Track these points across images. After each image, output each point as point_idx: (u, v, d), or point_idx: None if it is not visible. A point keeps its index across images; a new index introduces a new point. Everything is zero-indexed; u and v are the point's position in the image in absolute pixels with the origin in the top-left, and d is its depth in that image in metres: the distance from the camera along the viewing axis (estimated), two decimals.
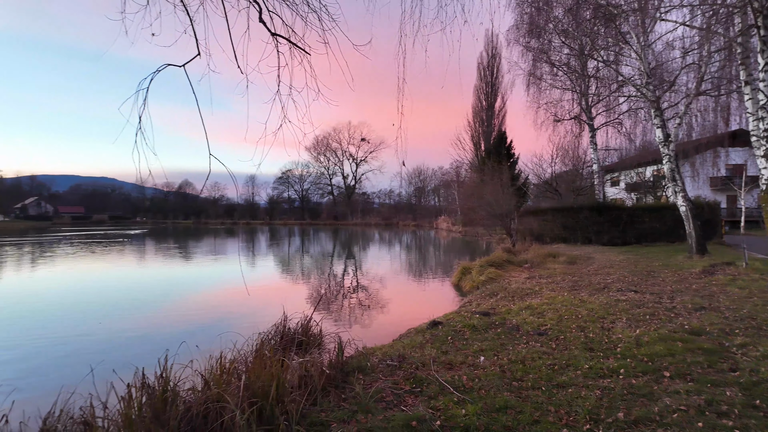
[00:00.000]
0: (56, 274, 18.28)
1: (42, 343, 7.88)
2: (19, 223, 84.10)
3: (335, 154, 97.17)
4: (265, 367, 4.02)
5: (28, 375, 5.78)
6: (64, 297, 12.88)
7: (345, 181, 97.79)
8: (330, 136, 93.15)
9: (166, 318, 10.05)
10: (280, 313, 6.78)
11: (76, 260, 23.46)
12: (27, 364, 6.55)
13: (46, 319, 9.92)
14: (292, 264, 22.44)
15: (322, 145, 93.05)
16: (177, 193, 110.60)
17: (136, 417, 3.35)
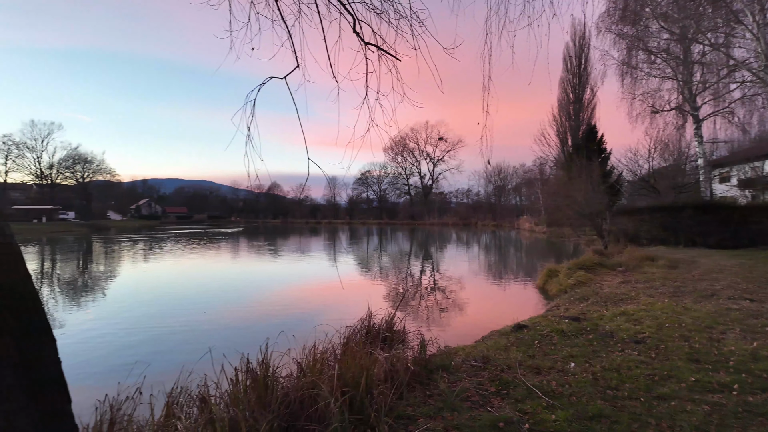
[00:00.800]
0: (165, 267, 20.48)
1: (160, 330, 8.91)
2: (134, 221, 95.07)
3: (412, 154, 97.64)
4: (355, 359, 4.23)
5: (154, 356, 6.60)
6: (172, 288, 14.42)
7: (422, 180, 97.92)
8: (407, 137, 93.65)
9: (263, 310, 10.86)
10: (364, 309, 7.04)
11: (181, 256, 26.06)
12: (152, 347, 7.47)
13: (160, 307, 11.17)
14: (371, 262, 22.98)
15: (399, 145, 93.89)
16: (266, 195, 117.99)
17: (242, 397, 3.70)
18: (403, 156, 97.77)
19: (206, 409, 3.46)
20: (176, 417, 3.37)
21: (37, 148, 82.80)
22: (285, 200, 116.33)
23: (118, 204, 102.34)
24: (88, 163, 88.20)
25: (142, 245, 34.52)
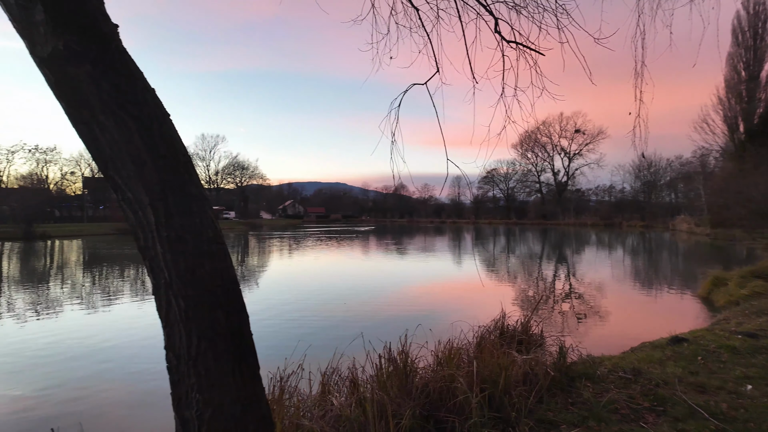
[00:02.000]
0: (308, 261, 22.63)
1: (310, 317, 9.94)
2: (282, 220, 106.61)
3: (544, 149, 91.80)
4: (493, 358, 4.23)
5: (310, 338, 7.44)
6: (313, 279, 15.90)
7: (555, 177, 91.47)
8: (539, 131, 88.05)
9: (398, 304, 11.41)
10: (494, 310, 6.95)
11: (322, 251, 28.50)
12: (307, 331, 8.41)
13: (306, 296, 12.43)
14: (499, 264, 22.33)
15: (529, 140, 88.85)
16: (393, 195, 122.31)
17: (385, 382, 3.99)
18: (533, 151, 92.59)
19: (356, 390, 3.81)
20: (331, 393, 3.78)
21: (206, 157, 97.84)
22: (411, 200, 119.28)
23: (268, 205, 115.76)
24: (245, 169, 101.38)
25: (288, 241, 38.57)
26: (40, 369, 6.73)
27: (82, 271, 20.25)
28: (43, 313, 10.98)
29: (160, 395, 5.57)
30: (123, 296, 13.23)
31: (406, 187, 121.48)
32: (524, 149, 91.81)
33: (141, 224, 2.07)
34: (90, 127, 1.99)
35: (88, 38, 1.91)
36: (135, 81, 2.06)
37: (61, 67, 1.91)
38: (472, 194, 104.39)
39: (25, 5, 1.89)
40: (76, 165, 78.71)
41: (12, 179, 67.05)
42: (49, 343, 8.17)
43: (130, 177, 2.00)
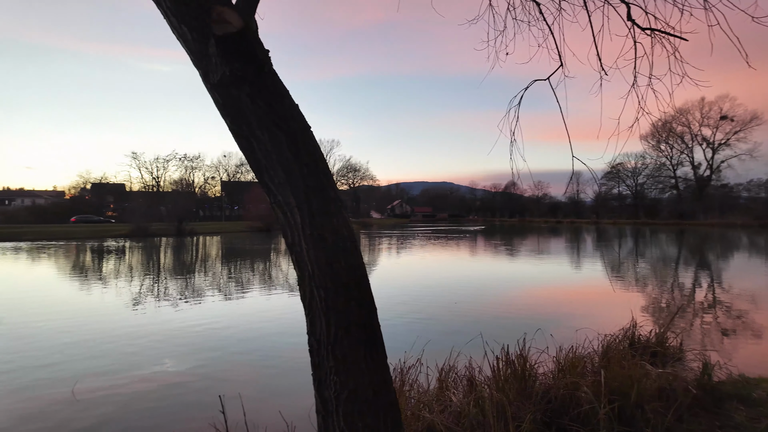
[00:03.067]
0: (416, 259, 23.00)
1: (419, 314, 10.15)
2: (390, 219, 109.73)
3: (681, 140, 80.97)
4: (623, 369, 3.93)
5: (422, 335, 7.67)
6: (423, 278, 16.12)
7: (695, 171, 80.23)
8: (674, 119, 77.62)
9: (512, 306, 11.09)
10: (621, 318, 6.40)
11: (429, 250, 28.73)
12: (418, 327, 8.65)
13: (420, 295, 12.67)
14: (626, 268, 20.30)
15: (663, 130, 78.87)
16: (503, 194, 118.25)
17: (503, 385, 3.94)
18: (667, 143, 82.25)
19: (473, 389, 3.84)
20: (449, 390, 3.86)
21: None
22: (522, 198, 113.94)
23: (377, 205, 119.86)
24: (356, 171, 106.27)
25: (397, 240, 39.56)
26: (190, 350, 7.88)
27: (221, 264, 23.17)
28: (192, 301, 12.78)
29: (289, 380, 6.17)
30: (253, 288, 14.81)
31: (517, 185, 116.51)
32: (656, 141, 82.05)
33: (289, 224, 2.36)
34: (249, 140, 2.33)
35: (248, 64, 2.23)
36: (284, 99, 2.36)
37: (227, 90, 2.26)
38: (593, 191, 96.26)
39: (201, 40, 2.27)
40: (216, 171, 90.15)
41: (167, 184, 78.84)
42: (194, 327, 9.51)
43: (281, 183, 2.30)
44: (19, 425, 4.82)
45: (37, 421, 4.93)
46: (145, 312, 10.92)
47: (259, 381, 6.08)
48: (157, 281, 16.63)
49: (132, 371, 6.51)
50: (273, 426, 3.39)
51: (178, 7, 2.27)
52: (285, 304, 11.78)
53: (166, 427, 4.55)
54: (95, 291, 14.37)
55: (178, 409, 5.16)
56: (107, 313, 10.71)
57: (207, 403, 5.06)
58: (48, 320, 9.89)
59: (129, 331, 8.94)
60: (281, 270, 20.08)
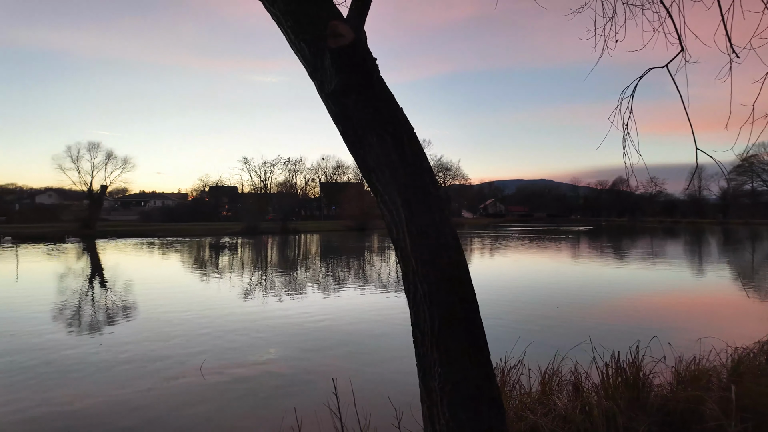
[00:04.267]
0: (511, 260, 22.23)
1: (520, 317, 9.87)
2: (482, 219, 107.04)
3: None
4: (759, 386, 3.48)
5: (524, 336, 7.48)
6: (521, 279, 15.55)
7: None
8: None
9: (622, 311, 10.31)
10: (756, 330, 5.61)
11: (525, 251, 27.57)
12: (518, 328, 8.44)
13: (518, 296, 12.29)
14: (761, 275, 17.62)
15: None
16: (609, 191, 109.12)
17: (612, 392, 3.72)
18: None
19: (579, 395, 3.68)
20: (553, 393, 3.74)
21: None
22: (632, 196, 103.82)
23: (469, 204, 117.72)
24: (447, 170, 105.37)
25: (490, 240, 38.54)
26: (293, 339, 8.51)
27: (319, 260, 24.58)
28: (294, 294, 13.75)
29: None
30: (348, 283, 15.49)
31: (627, 182, 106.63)
32: None
33: (394, 221, 2.49)
34: (358, 144, 2.50)
35: (358, 73, 2.40)
36: (390, 103, 2.50)
37: (339, 99, 2.46)
38: (720, 187, 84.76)
39: (317, 54, 2.50)
40: (315, 173, 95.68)
41: (273, 186, 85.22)
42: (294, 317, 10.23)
43: (387, 183, 2.44)
44: (158, 399, 5.64)
45: (173, 395, 5.72)
46: (256, 302, 12.01)
47: (367, 368, 6.40)
48: (267, 275, 18.16)
49: (248, 356, 7.23)
50: (381, 411, 3.58)
51: (298, 25, 2.52)
52: (381, 298, 12.17)
53: (285, 405, 5.00)
54: (213, 282, 16.12)
55: (293, 390, 5.65)
56: (224, 303, 11.96)
57: (319, 387, 5.49)
58: (173, 308, 11.33)
59: (242, 318, 9.92)
60: (375, 266, 20.74)
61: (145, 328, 9.18)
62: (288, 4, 2.49)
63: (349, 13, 2.43)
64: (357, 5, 2.40)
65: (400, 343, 7.43)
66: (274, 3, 2.55)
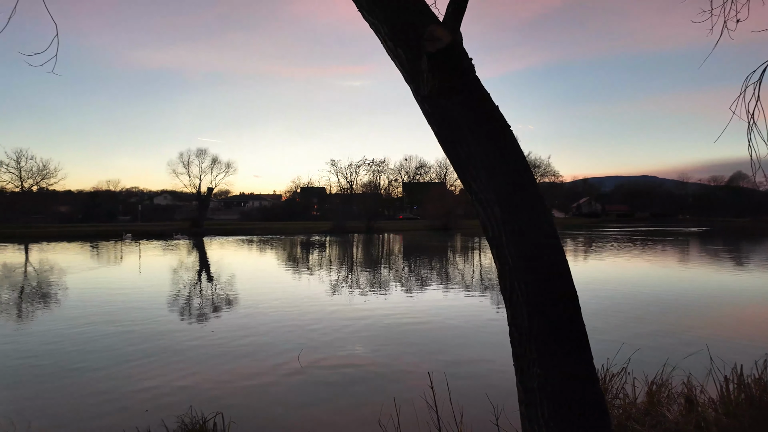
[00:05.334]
0: (608, 263, 20.65)
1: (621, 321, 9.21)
2: (575, 219, 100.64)
3: None
4: None
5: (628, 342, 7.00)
6: (620, 283, 14.40)
7: None
8: None
9: (749, 323, 9.19)
10: None
11: (627, 254, 25.46)
12: (620, 334, 7.90)
13: (619, 301, 11.45)
14: None
15: None
16: (726, 188, 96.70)
17: (734, 409, 3.35)
18: None
19: (693, 409, 3.37)
20: (661, 405, 3.47)
21: None
22: (755, 194, 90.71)
23: (561, 203, 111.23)
24: (536, 167, 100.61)
25: (584, 242, 36.12)
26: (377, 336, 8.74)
27: (403, 259, 24.88)
28: (381, 291, 14.07)
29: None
30: (433, 282, 15.49)
31: (747, 178, 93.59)
32: None
33: (490, 219, 2.50)
34: (453, 143, 2.55)
35: (455, 75, 2.45)
36: (485, 102, 2.52)
37: (436, 101, 2.52)
38: None
39: (413, 59, 2.59)
40: (398, 173, 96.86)
41: (358, 186, 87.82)
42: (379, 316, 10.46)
43: (483, 181, 2.46)
44: (262, 383, 6.14)
45: (275, 382, 6.20)
46: (345, 298, 12.52)
47: (460, 365, 6.43)
48: (354, 272, 18.82)
49: (341, 348, 7.60)
50: (477, 407, 3.59)
51: (395, 33, 2.63)
52: (468, 297, 12.03)
53: (379, 396, 5.20)
54: (305, 277, 17.06)
55: (386, 383, 5.86)
56: (316, 297, 12.63)
57: (411, 381, 5.63)
58: (270, 300, 12.19)
59: (333, 313, 10.40)
60: (459, 266, 20.51)
61: (247, 317, 10.03)
62: (386, 12, 2.61)
63: (446, 16, 2.48)
64: (453, 8, 2.45)
65: (492, 342, 7.32)
66: (373, 12, 2.68)
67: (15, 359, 6.99)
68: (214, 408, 3.99)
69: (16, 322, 9.99)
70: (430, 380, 2.89)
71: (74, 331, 8.73)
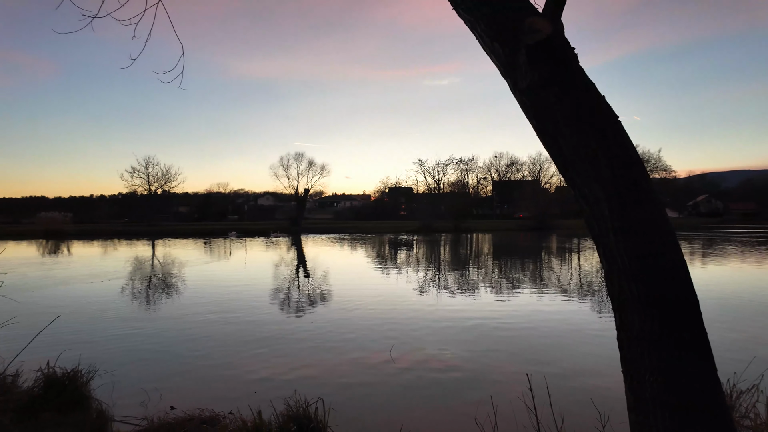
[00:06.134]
0: (735, 269, 18.17)
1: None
2: (691, 219, 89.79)
3: None
4: None
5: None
6: (745, 291, 12.63)
7: None
8: None
9: None
10: None
11: (757, 260, 22.23)
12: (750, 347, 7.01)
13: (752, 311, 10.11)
14: None
15: None
16: None
17: None
18: None
19: None
20: None
21: None
22: None
23: (673, 201, 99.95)
24: (645, 162, 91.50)
25: (703, 245, 32.17)
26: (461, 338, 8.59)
27: (492, 260, 24.20)
28: (471, 292, 13.84)
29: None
30: (526, 285, 14.85)
31: None
32: None
33: (595, 216, 2.37)
34: (554, 138, 2.46)
35: (556, 66, 2.36)
36: (590, 93, 2.39)
37: (535, 94, 2.45)
38: None
39: (511, 53, 2.54)
40: (488, 172, 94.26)
41: (445, 186, 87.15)
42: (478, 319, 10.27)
43: (588, 176, 2.34)
44: (358, 374, 6.39)
45: (369, 374, 6.43)
46: (434, 297, 12.54)
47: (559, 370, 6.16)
48: (443, 272, 18.76)
49: (432, 347, 7.64)
50: (580, 413, 3.43)
51: (491, 28, 2.60)
52: (564, 301, 11.39)
53: (474, 396, 5.18)
54: (395, 275, 17.36)
55: (481, 384, 5.80)
56: (405, 295, 12.81)
57: (507, 383, 5.51)
58: (362, 296, 12.59)
59: (423, 311, 10.48)
60: (555, 268, 19.42)
61: (341, 311, 10.51)
62: (483, 9, 2.59)
63: (546, 7, 2.40)
64: None
65: (594, 348, 6.88)
66: (470, 9, 2.68)
67: (148, 344, 8.06)
68: (314, 395, 4.25)
69: (146, 310, 11.49)
70: (529, 382, 2.81)
71: (197, 320, 9.86)
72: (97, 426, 4.21)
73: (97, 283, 15.43)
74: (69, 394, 4.49)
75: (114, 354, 7.07)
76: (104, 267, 20.73)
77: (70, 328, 8.60)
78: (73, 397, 4.50)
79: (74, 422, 4.18)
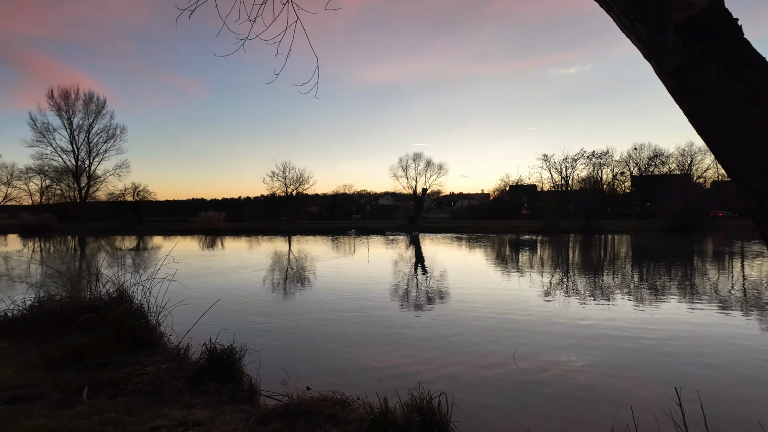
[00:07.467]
0: None
1: None
2: None
3: None
4: None
5: None
6: None
7: None
8: None
9: None
10: None
11: None
12: None
13: None
14: None
15: None
16: None
17: None
18: None
19: None
20: None
21: None
22: None
23: None
24: None
25: None
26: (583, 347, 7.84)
27: (630, 264, 21.76)
28: (602, 300, 12.65)
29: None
30: (668, 295, 13.07)
31: None
32: None
33: (765, 213, 2.05)
34: (712, 123, 2.18)
35: (712, 42, 2.09)
36: (759, 68, 2.07)
37: (686, 75, 2.19)
38: None
39: (655, 32, 2.31)
40: (626, 166, 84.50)
41: (574, 182, 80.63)
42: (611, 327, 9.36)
43: (756, 166, 2.03)
44: (480, 375, 6.32)
45: (492, 376, 6.32)
46: (559, 303, 11.77)
47: (715, 388, 5.40)
48: (570, 276, 17.47)
49: (555, 353, 7.22)
50: None
51: (630, 9, 2.40)
52: (724, 317, 9.78)
53: (606, 404, 4.80)
54: (516, 277, 16.66)
55: (613, 395, 5.33)
56: (526, 299, 12.24)
57: (647, 397, 4.98)
58: (481, 297, 12.33)
59: (546, 318, 9.91)
60: (707, 276, 16.70)
61: (461, 310, 10.47)
62: None
63: None
64: None
65: (759, 369, 5.85)
66: None
67: (288, 330, 8.99)
68: (435, 390, 4.34)
69: (283, 299, 12.80)
70: (678, 396, 2.50)
71: (327, 308, 10.72)
72: (248, 397, 4.85)
73: (246, 273, 17.64)
74: (226, 367, 5.24)
75: (259, 336, 8.04)
76: (250, 259, 23.66)
77: (225, 310, 9.99)
78: (229, 370, 5.24)
79: (231, 391, 4.87)
